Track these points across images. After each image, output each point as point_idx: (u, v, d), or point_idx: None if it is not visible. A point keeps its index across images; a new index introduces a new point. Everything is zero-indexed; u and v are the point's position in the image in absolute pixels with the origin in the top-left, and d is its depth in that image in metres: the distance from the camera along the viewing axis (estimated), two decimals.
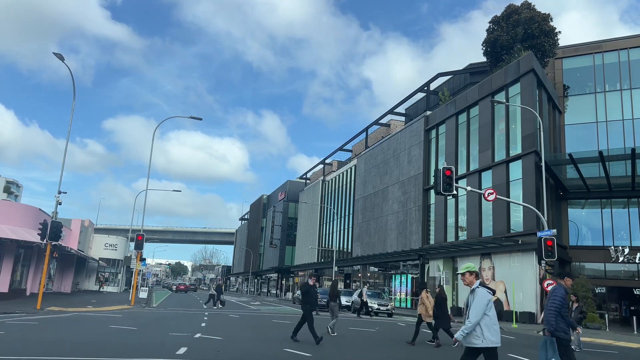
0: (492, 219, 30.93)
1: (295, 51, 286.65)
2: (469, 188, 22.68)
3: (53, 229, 21.87)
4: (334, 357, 10.86)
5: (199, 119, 32.44)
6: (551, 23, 34.37)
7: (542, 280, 21.82)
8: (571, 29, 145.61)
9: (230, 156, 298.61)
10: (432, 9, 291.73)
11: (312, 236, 66.34)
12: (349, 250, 52.68)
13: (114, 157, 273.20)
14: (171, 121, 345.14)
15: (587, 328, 25.34)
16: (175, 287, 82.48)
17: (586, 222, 33.03)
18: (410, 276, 39.25)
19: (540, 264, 22.57)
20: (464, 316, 6.14)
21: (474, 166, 33.95)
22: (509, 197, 28.50)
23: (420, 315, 14.68)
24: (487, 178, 32.32)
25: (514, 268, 28.48)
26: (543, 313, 15.37)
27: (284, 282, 77.01)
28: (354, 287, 46.70)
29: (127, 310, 24.85)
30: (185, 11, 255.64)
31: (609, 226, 31.40)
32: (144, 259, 35.66)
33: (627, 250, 30.14)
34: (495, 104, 30.83)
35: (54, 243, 22.57)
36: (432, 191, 36.21)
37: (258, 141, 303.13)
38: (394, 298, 40.74)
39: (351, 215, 53.29)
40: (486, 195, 21.03)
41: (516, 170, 29.88)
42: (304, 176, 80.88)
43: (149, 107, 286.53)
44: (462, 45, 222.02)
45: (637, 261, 29.76)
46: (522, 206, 26.64)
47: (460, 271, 6.31)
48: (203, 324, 17.75)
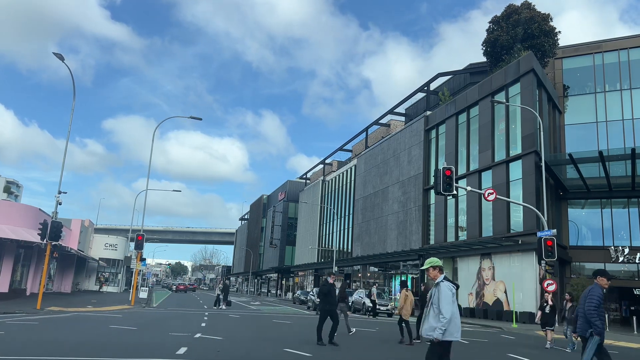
0: (492, 219, 30.93)
1: (294, 51, 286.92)
2: (469, 188, 22.71)
3: (53, 229, 21.89)
4: (334, 357, 10.86)
5: (199, 119, 32.46)
6: (551, 23, 34.36)
7: (542, 280, 21.82)
8: (571, 29, 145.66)
9: (230, 156, 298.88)
10: (432, 8, 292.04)
11: (312, 236, 66.34)
12: (349, 250, 52.68)
13: (113, 157, 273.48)
14: (171, 121, 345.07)
15: None
16: (175, 287, 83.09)
17: (586, 222, 33.03)
18: (410, 276, 39.25)
19: (540, 264, 22.60)
20: (426, 309, 6.14)
21: (474, 166, 33.95)
22: (509, 197, 28.50)
23: (401, 315, 14.81)
24: (487, 178, 32.33)
25: (514, 268, 28.49)
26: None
27: (284, 282, 77.03)
28: (353, 287, 46.69)
29: (127, 310, 24.86)
30: (185, 11, 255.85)
31: (609, 226, 31.41)
32: (144, 259, 35.71)
33: (627, 250, 30.16)
34: (495, 104, 30.84)
35: (54, 243, 22.59)
36: (432, 191, 36.22)
37: (258, 141, 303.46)
38: (394, 298, 40.72)
39: (351, 215, 53.29)
40: (486, 195, 21.05)
41: (516, 170, 29.88)
42: (304, 176, 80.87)
43: (149, 107, 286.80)
44: (461, 45, 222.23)
45: (637, 261, 29.78)
46: (522, 206, 26.65)
47: (424, 266, 6.36)
48: (203, 324, 17.75)
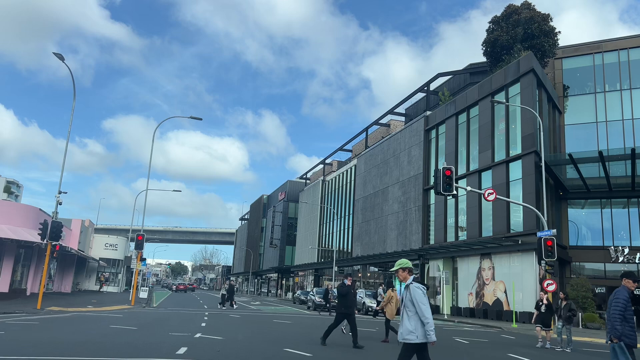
0: (492, 219, 30.93)
1: (294, 51, 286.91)
2: (469, 188, 22.72)
3: (53, 229, 21.90)
4: (334, 357, 10.87)
5: (199, 119, 32.47)
6: (551, 23, 34.35)
7: (542, 280, 21.83)
8: (570, 29, 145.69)
9: (229, 156, 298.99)
10: (431, 8, 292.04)
11: (312, 236, 66.35)
12: (349, 250, 52.69)
13: (113, 157, 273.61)
14: (170, 121, 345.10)
15: (587, 328, 25.38)
16: (175, 287, 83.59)
17: (586, 222, 33.04)
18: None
19: (540, 264, 22.59)
20: (401, 312, 6.18)
21: (473, 166, 33.95)
22: (509, 197, 28.51)
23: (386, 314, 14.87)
24: (487, 178, 32.34)
25: (513, 268, 28.50)
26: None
27: (284, 282, 77.05)
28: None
29: (127, 310, 24.88)
30: (184, 11, 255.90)
31: (609, 226, 31.42)
32: (144, 259, 35.72)
33: (627, 250, 30.17)
34: (495, 104, 30.85)
35: (54, 243, 22.60)
36: (432, 191, 36.23)
37: (257, 141, 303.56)
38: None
39: (351, 215, 53.30)
40: (486, 195, 21.06)
41: (516, 170, 29.88)
42: (304, 176, 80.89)
43: (149, 107, 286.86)
44: (461, 45, 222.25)
45: (637, 261, 29.78)
46: (522, 206, 26.65)
47: (394, 268, 6.47)
48: (203, 324, 17.76)
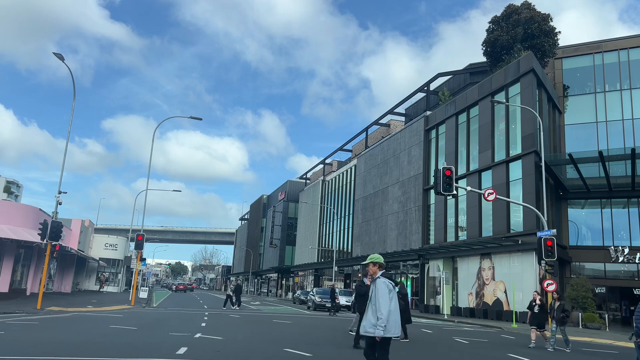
0: (492, 219, 30.93)
1: (293, 51, 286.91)
2: (469, 188, 22.71)
3: (53, 229, 21.90)
4: (334, 357, 10.87)
5: (199, 119, 32.46)
6: (551, 23, 34.34)
7: (542, 280, 21.81)
8: (570, 29, 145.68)
9: (229, 156, 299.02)
10: (431, 8, 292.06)
11: (312, 236, 66.35)
12: (349, 250, 52.68)
13: (113, 157, 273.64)
14: (170, 121, 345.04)
15: (587, 328, 25.36)
16: (175, 287, 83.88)
17: (586, 222, 33.04)
18: (410, 276, 39.27)
19: (540, 264, 22.57)
20: (367, 305, 6.15)
21: (473, 166, 33.95)
22: (509, 197, 28.50)
23: None
24: (487, 178, 32.33)
25: (513, 268, 28.49)
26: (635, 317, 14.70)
27: (284, 282, 77.05)
28: (353, 287, 46.69)
29: (127, 310, 24.88)
30: (184, 11, 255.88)
31: (609, 226, 31.41)
32: (144, 259, 35.73)
33: (627, 250, 30.17)
34: (495, 104, 30.84)
35: (54, 243, 22.60)
36: (432, 191, 36.22)
37: (257, 141, 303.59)
38: None
39: (351, 215, 53.30)
40: (486, 195, 21.04)
41: (516, 170, 29.88)
42: (304, 176, 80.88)
43: (148, 107, 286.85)
44: (461, 45, 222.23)
45: (637, 261, 29.78)
46: (522, 206, 26.65)
47: (366, 261, 6.42)
48: (203, 324, 17.76)
